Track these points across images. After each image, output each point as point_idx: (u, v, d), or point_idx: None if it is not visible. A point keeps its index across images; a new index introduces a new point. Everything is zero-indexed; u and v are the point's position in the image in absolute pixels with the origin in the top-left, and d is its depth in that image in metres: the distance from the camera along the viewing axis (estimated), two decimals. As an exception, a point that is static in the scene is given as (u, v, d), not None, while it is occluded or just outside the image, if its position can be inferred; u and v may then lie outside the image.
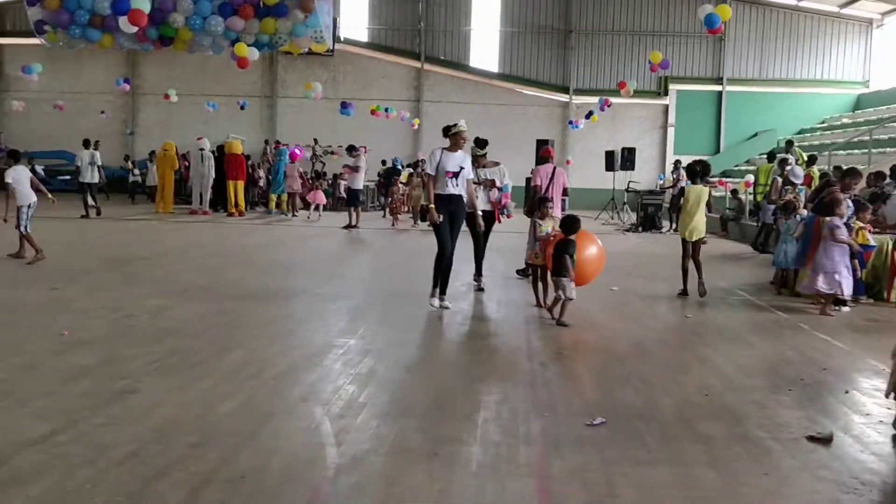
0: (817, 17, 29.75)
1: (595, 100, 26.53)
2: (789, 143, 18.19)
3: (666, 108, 30.50)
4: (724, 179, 24.88)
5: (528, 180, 11.43)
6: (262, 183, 24.36)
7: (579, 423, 4.67)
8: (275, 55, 28.72)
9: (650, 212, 20.56)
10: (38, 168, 24.66)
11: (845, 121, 27.53)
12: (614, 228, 20.62)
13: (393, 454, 4.12)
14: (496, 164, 10.18)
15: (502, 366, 6.19)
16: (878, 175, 12.22)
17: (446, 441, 4.33)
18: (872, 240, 9.62)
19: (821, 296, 8.79)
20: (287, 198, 22.32)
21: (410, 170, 23.15)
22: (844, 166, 12.83)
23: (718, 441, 4.46)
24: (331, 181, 25.20)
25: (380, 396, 5.15)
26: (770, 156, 17.22)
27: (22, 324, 7.03)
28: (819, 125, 28.88)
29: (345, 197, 21.25)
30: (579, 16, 30.40)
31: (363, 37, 31.04)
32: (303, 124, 29.91)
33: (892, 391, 4.87)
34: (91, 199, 19.14)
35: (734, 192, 20.38)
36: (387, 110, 27.13)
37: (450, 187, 8.21)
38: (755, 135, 29.61)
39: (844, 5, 28.50)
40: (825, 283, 8.64)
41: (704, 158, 11.38)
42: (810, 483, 3.90)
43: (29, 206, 11.09)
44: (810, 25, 29.79)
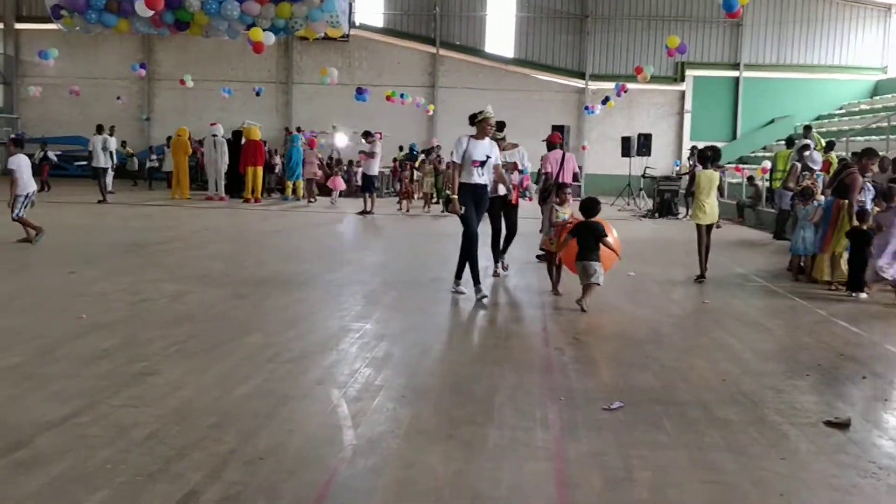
0: (835, 3, 29.47)
1: (611, 85, 26.45)
2: (807, 128, 17.97)
3: (682, 93, 30.31)
4: (740, 166, 24.72)
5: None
6: (278, 169, 24.39)
7: (596, 407, 4.67)
8: (290, 40, 28.72)
9: (666, 198, 20.47)
10: (51, 154, 24.78)
11: (863, 107, 27.30)
12: (630, 214, 20.54)
13: (409, 436, 4.13)
14: (515, 146, 10.03)
15: (518, 350, 6.19)
16: (896, 162, 12.08)
17: (462, 424, 4.34)
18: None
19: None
20: (303, 184, 22.36)
21: (423, 156, 23.08)
22: (861, 151, 12.69)
23: (736, 425, 4.45)
24: (346, 167, 25.18)
25: (395, 379, 5.17)
26: (788, 142, 17.05)
27: (40, 307, 7.09)
28: (837, 111, 28.64)
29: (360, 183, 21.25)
30: (595, 0, 30.20)
31: (378, 22, 30.98)
32: (318, 110, 29.89)
33: None
34: (102, 184, 19.39)
35: (750, 178, 20.22)
36: (402, 96, 27.06)
37: (475, 176, 8.00)
38: (772, 121, 29.43)
39: (863, -10, 28.27)
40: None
41: (716, 144, 11.34)
42: (828, 468, 3.89)
43: (27, 196, 11.13)
44: (828, 11, 29.49)
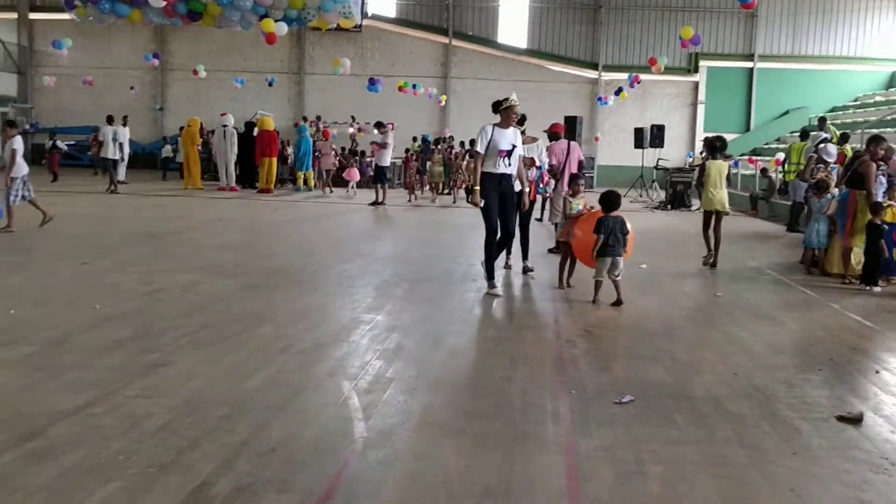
0: (850, -7, 29.18)
1: (624, 76, 26.30)
2: (822, 120, 17.86)
3: (696, 85, 30.10)
4: (753, 157, 24.60)
5: None
6: (290, 160, 24.41)
7: (608, 400, 4.67)
8: (303, 31, 28.67)
9: (679, 189, 20.37)
10: (60, 143, 24.86)
11: (878, 98, 27.06)
12: (643, 206, 20.47)
13: (420, 429, 4.14)
14: (535, 141, 9.90)
15: (530, 343, 6.18)
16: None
17: (473, 417, 4.35)
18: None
19: None
20: (319, 174, 22.43)
21: (432, 146, 23.07)
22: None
23: (748, 420, 4.44)
24: (358, 158, 25.16)
25: (407, 371, 5.18)
26: (802, 134, 16.94)
27: (53, 298, 7.13)
28: (852, 103, 28.40)
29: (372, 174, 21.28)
30: (609, -10, 30.05)
31: (391, 12, 30.86)
32: (330, 101, 29.83)
33: None
34: (111, 174, 19.51)
35: (764, 170, 20.10)
36: (414, 87, 27.01)
37: (501, 166, 7.79)
38: (786, 112, 29.20)
39: (879, -19, 27.95)
40: None
41: (722, 135, 11.38)
42: (840, 463, 3.87)
43: (23, 178, 11.24)
44: (843, 1, 29.14)
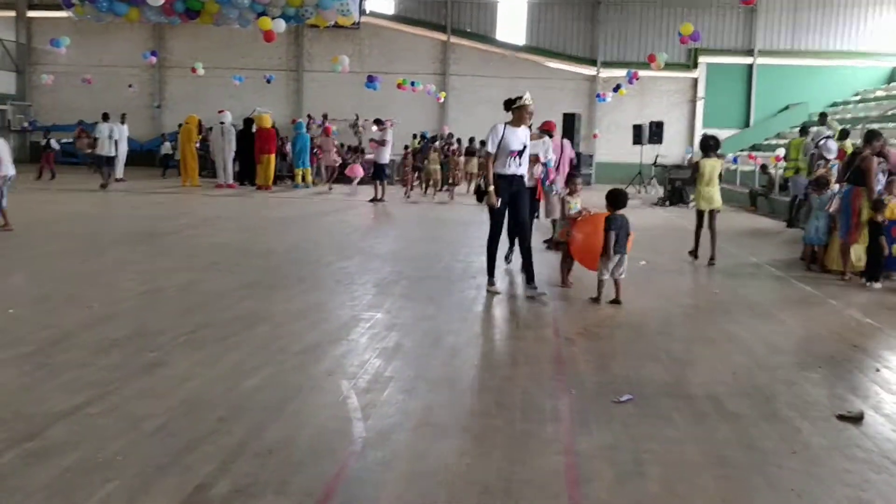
0: (851, -12, 29.15)
1: (623, 73, 26.26)
2: (823, 115, 17.76)
3: (695, 81, 30.10)
4: (753, 153, 24.57)
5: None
6: (289, 158, 24.38)
7: (606, 399, 4.66)
8: (301, 28, 28.63)
9: (678, 186, 20.36)
10: (54, 142, 24.78)
11: (879, 93, 27.02)
12: (641, 202, 20.45)
13: (419, 428, 4.13)
14: (541, 137, 9.76)
15: (529, 341, 6.16)
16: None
17: (473, 416, 4.34)
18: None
19: None
20: (318, 171, 22.44)
21: (427, 143, 23.08)
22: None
23: (747, 419, 4.43)
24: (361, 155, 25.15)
25: (406, 371, 5.16)
26: (802, 130, 16.90)
27: (51, 296, 7.11)
28: (852, 98, 28.38)
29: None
30: (608, -13, 30.02)
31: (389, 9, 30.85)
32: (329, 98, 29.81)
33: None
34: (108, 172, 19.47)
35: (763, 166, 20.08)
36: (413, 84, 26.99)
37: (512, 167, 7.59)
38: (786, 108, 29.18)
39: (879, -25, 27.93)
40: None
41: (716, 133, 11.47)
42: (841, 462, 3.86)
43: (7, 178, 11.16)
44: (844, -4, 29.20)
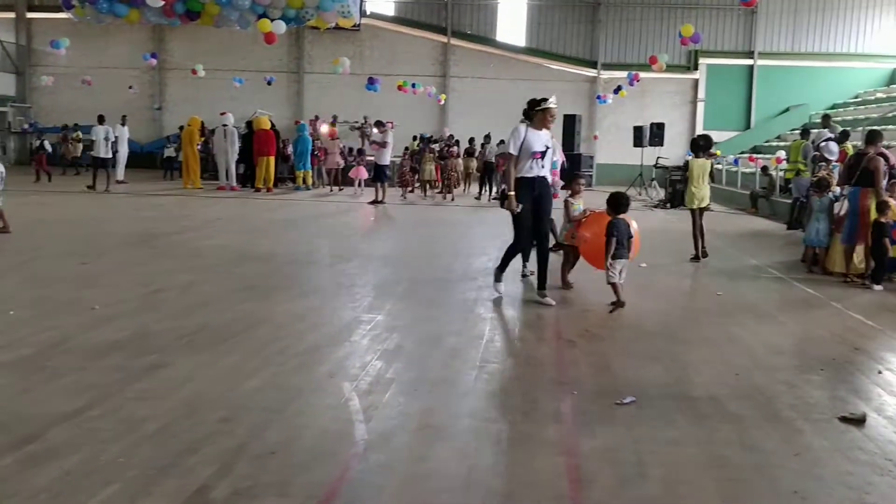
0: (851, -10, 29.15)
1: (623, 74, 26.27)
2: (826, 117, 17.72)
3: (696, 82, 30.10)
4: (754, 155, 24.55)
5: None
6: (291, 160, 24.38)
7: (608, 401, 4.65)
8: (301, 30, 28.60)
9: (678, 188, 20.28)
10: (47, 143, 24.74)
11: (879, 95, 27.03)
12: (642, 205, 20.42)
13: (421, 431, 4.12)
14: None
15: (530, 343, 6.17)
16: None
17: (474, 418, 4.33)
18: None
19: None
20: (319, 173, 22.61)
21: (422, 144, 23.13)
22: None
23: (749, 421, 4.42)
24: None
25: (407, 372, 5.16)
26: (804, 132, 16.88)
27: (52, 298, 7.10)
28: (852, 100, 28.39)
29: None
30: (608, -12, 30.02)
31: (390, 11, 30.86)
32: (329, 100, 29.80)
33: None
34: (104, 175, 19.46)
35: (764, 168, 20.06)
36: (413, 86, 26.99)
37: (535, 169, 7.43)
38: (786, 110, 29.20)
39: (880, -23, 27.93)
40: None
41: (707, 134, 11.55)
42: (843, 464, 3.85)
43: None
44: (844, -2, 29.21)
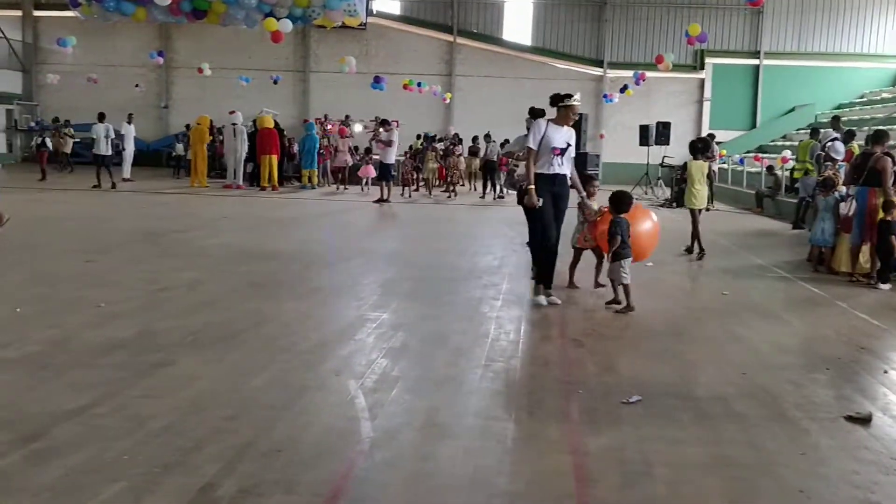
0: (857, -10, 29.06)
1: (629, 73, 26.20)
2: (835, 119, 17.58)
3: (702, 82, 30.05)
4: (759, 155, 24.50)
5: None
6: (297, 158, 24.43)
7: (614, 400, 4.64)
8: (307, 29, 28.61)
9: (684, 187, 20.26)
10: (49, 141, 24.74)
11: (885, 95, 26.96)
12: (648, 203, 20.37)
13: (426, 428, 4.12)
14: None
15: (536, 342, 6.17)
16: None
17: (480, 416, 4.33)
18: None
19: None
20: (324, 172, 22.86)
21: (425, 143, 23.20)
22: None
23: (754, 420, 4.41)
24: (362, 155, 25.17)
25: (412, 370, 5.16)
26: (813, 132, 16.83)
27: (57, 296, 7.11)
28: (858, 100, 28.32)
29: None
30: (614, -13, 29.98)
31: (395, 10, 30.86)
32: (335, 99, 29.82)
33: None
34: (106, 172, 19.48)
35: (770, 168, 20.01)
36: (419, 85, 26.98)
37: (555, 166, 7.34)
38: (792, 110, 29.13)
39: (886, -23, 27.86)
40: None
41: (705, 136, 11.72)
42: (849, 464, 3.84)
43: None
44: (850, -2, 29.12)
